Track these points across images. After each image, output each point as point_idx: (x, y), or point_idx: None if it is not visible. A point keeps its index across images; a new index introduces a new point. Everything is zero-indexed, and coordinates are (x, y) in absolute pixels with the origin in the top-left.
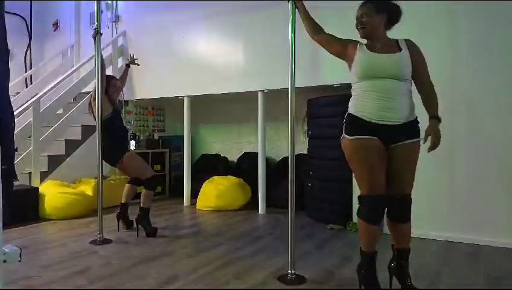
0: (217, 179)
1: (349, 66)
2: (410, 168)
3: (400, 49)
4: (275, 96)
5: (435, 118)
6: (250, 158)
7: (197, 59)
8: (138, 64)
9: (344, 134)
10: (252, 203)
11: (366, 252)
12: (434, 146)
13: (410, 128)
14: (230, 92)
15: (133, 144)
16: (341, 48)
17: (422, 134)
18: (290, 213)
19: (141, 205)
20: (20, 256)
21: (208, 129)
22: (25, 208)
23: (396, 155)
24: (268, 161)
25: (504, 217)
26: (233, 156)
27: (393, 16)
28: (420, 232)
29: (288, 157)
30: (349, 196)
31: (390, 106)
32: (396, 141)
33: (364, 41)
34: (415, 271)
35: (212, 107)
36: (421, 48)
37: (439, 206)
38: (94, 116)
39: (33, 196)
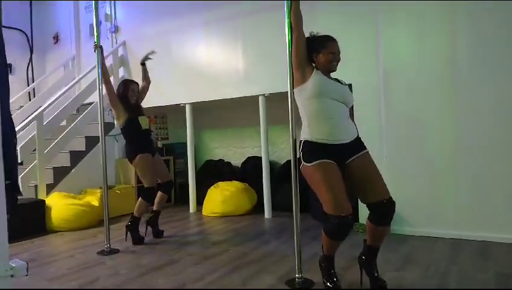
0: (222, 184)
1: (300, 83)
2: (376, 175)
3: (343, 84)
4: (276, 100)
5: None
6: (254, 162)
7: (197, 66)
8: (151, 58)
9: (303, 162)
10: (258, 208)
11: (328, 256)
12: None
13: (357, 143)
14: (231, 98)
15: None
16: (306, 58)
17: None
18: (296, 217)
19: (134, 212)
20: (27, 270)
21: (211, 135)
22: (32, 220)
23: (354, 169)
24: (272, 165)
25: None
26: (237, 161)
27: None
28: (427, 230)
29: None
30: (356, 197)
31: (342, 126)
32: (348, 158)
33: None
34: (422, 270)
35: (214, 113)
36: (421, 49)
37: (446, 204)
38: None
39: (39, 208)
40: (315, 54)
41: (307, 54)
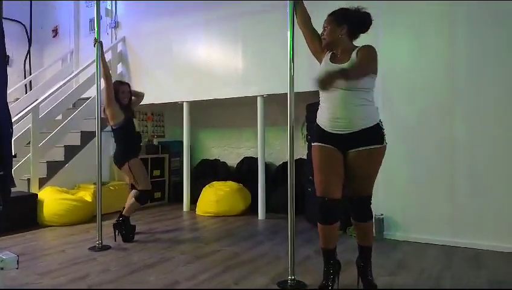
0: (216, 184)
1: None
2: (366, 172)
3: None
4: (274, 101)
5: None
6: (249, 163)
7: (196, 64)
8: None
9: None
10: (252, 209)
11: (323, 249)
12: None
13: (364, 135)
14: (229, 97)
15: None
16: (319, 49)
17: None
18: (290, 218)
19: (123, 212)
20: (18, 263)
21: (207, 134)
22: (24, 214)
23: (350, 160)
24: (268, 166)
25: (506, 221)
26: (232, 161)
27: (356, 25)
28: (422, 237)
29: (287, 162)
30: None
31: (340, 116)
32: (350, 148)
33: None
34: (415, 276)
35: (211, 112)
36: (420, 53)
37: (441, 211)
38: (107, 123)
39: (32, 202)
40: None
41: (318, 47)
